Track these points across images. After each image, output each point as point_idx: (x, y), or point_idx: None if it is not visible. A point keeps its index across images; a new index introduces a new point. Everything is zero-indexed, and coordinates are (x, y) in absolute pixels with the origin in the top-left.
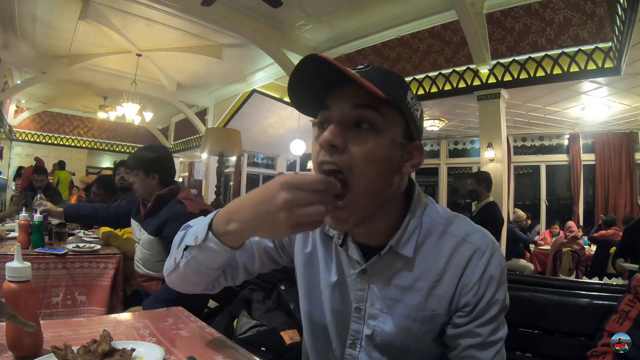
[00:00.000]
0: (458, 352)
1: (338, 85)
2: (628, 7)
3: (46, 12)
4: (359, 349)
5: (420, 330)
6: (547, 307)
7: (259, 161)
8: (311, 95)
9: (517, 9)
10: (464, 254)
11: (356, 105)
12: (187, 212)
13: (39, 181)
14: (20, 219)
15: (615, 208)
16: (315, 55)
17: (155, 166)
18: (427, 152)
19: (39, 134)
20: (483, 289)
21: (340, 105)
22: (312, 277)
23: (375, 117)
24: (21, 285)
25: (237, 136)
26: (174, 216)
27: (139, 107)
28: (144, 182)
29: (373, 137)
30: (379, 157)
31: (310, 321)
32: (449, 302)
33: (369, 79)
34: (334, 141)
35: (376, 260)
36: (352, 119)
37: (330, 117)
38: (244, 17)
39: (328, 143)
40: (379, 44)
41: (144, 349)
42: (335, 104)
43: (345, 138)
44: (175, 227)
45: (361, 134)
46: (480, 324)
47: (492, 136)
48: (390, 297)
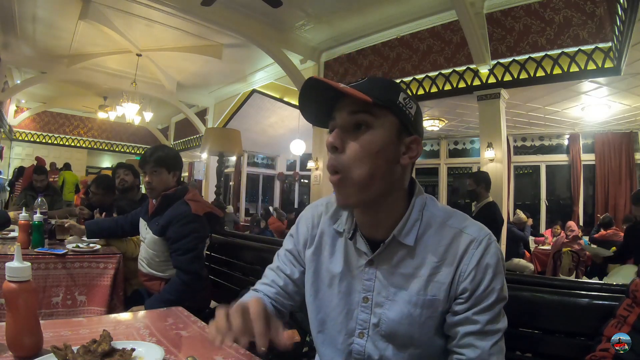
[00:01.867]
0: (457, 340)
1: (339, 99)
2: (628, 7)
3: (46, 12)
4: (366, 338)
5: (421, 315)
6: (547, 307)
7: (259, 161)
8: (321, 111)
9: (517, 9)
10: (462, 243)
11: (352, 111)
12: (191, 214)
13: (39, 181)
14: (20, 219)
15: (615, 208)
16: (313, 79)
17: (176, 164)
18: (427, 152)
19: (39, 133)
20: (480, 276)
21: (341, 114)
22: (319, 273)
23: (368, 118)
24: (21, 285)
25: (237, 136)
26: (177, 217)
27: (139, 107)
28: (166, 179)
29: (367, 136)
30: (373, 150)
31: (318, 315)
32: (447, 289)
33: (360, 88)
34: (335, 143)
35: (382, 250)
36: (350, 123)
37: (335, 125)
38: (244, 17)
39: (330, 145)
40: (379, 44)
41: (144, 349)
42: (337, 114)
43: (344, 140)
44: (179, 228)
45: (358, 135)
46: (478, 311)
47: (492, 136)
48: (395, 284)
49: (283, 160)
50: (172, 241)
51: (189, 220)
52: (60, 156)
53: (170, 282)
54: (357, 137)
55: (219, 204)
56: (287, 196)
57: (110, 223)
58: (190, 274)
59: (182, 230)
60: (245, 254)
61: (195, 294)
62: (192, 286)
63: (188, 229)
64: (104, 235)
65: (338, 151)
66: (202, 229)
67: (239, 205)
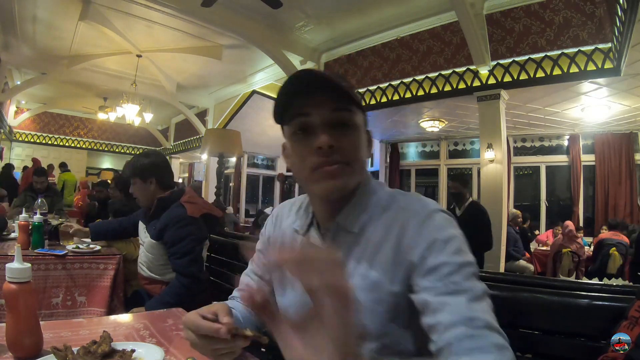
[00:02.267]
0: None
1: (308, 94)
2: (628, 8)
3: (46, 13)
4: None
5: (366, 300)
6: (547, 307)
7: (259, 162)
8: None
9: (516, 10)
10: (402, 219)
11: (335, 109)
12: (186, 216)
13: (39, 183)
14: (20, 220)
15: (615, 209)
16: (313, 72)
17: (150, 172)
18: (427, 152)
19: (39, 134)
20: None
21: (320, 110)
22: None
23: (351, 116)
24: (21, 286)
25: (237, 137)
26: (173, 220)
27: (139, 108)
28: (144, 189)
29: (354, 132)
30: (361, 144)
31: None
32: (391, 268)
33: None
34: (332, 142)
35: (330, 239)
36: (334, 121)
37: (311, 122)
38: (244, 18)
39: (327, 144)
40: (379, 45)
41: (144, 350)
42: (314, 110)
43: (334, 138)
44: (175, 232)
45: (346, 132)
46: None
47: (492, 137)
48: None
49: (283, 161)
50: (169, 245)
51: (185, 223)
52: (60, 157)
53: (170, 285)
54: (346, 135)
55: (219, 205)
56: (287, 197)
57: (114, 225)
58: (188, 277)
59: (179, 234)
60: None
61: (194, 297)
62: (191, 289)
63: (184, 232)
64: (108, 237)
65: (334, 150)
66: (199, 231)
67: (239, 206)
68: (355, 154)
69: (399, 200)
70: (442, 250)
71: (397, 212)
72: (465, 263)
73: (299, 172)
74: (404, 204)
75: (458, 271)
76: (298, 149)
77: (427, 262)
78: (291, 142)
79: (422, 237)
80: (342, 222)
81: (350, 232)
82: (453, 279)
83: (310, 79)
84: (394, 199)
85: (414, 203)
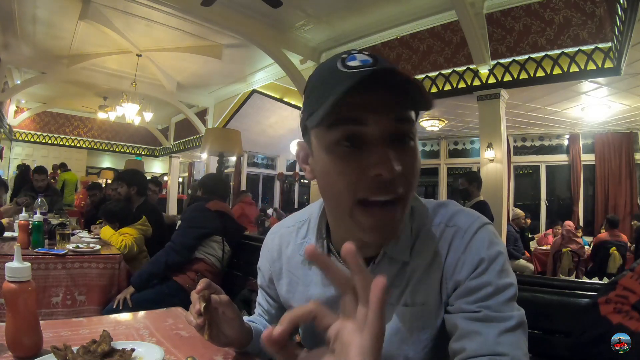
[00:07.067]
0: (456, 335)
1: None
2: (628, 7)
3: (46, 12)
4: None
5: (411, 329)
6: (547, 307)
7: (259, 161)
8: None
9: (517, 9)
10: (447, 237)
11: (399, 118)
12: (203, 208)
13: (39, 181)
14: (20, 219)
15: (615, 208)
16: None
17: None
18: (427, 152)
19: (38, 134)
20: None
21: (380, 120)
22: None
23: (414, 130)
24: (21, 286)
25: (237, 136)
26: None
27: (138, 108)
28: None
29: (415, 152)
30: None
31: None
32: (437, 291)
33: None
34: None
35: (372, 269)
36: (396, 134)
37: (367, 133)
38: (244, 17)
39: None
40: (379, 44)
41: (143, 349)
42: (372, 117)
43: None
44: (188, 214)
45: (407, 151)
46: (474, 300)
47: (492, 136)
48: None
49: (283, 160)
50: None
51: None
52: (60, 156)
53: None
54: (408, 155)
55: None
56: (287, 196)
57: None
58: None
59: (187, 215)
60: (246, 254)
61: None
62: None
63: (192, 215)
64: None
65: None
66: (205, 219)
67: None
68: (414, 182)
69: (440, 218)
70: (486, 270)
71: (441, 230)
72: (506, 285)
73: (334, 197)
74: (445, 220)
75: (497, 295)
76: (340, 165)
77: (471, 282)
78: (328, 154)
79: (468, 256)
80: (390, 252)
81: (396, 260)
82: (489, 303)
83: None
84: (436, 214)
85: (459, 218)
